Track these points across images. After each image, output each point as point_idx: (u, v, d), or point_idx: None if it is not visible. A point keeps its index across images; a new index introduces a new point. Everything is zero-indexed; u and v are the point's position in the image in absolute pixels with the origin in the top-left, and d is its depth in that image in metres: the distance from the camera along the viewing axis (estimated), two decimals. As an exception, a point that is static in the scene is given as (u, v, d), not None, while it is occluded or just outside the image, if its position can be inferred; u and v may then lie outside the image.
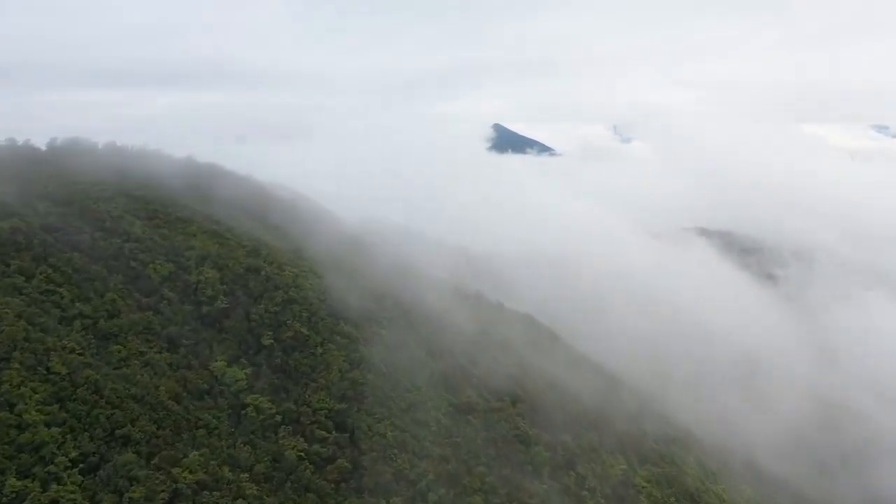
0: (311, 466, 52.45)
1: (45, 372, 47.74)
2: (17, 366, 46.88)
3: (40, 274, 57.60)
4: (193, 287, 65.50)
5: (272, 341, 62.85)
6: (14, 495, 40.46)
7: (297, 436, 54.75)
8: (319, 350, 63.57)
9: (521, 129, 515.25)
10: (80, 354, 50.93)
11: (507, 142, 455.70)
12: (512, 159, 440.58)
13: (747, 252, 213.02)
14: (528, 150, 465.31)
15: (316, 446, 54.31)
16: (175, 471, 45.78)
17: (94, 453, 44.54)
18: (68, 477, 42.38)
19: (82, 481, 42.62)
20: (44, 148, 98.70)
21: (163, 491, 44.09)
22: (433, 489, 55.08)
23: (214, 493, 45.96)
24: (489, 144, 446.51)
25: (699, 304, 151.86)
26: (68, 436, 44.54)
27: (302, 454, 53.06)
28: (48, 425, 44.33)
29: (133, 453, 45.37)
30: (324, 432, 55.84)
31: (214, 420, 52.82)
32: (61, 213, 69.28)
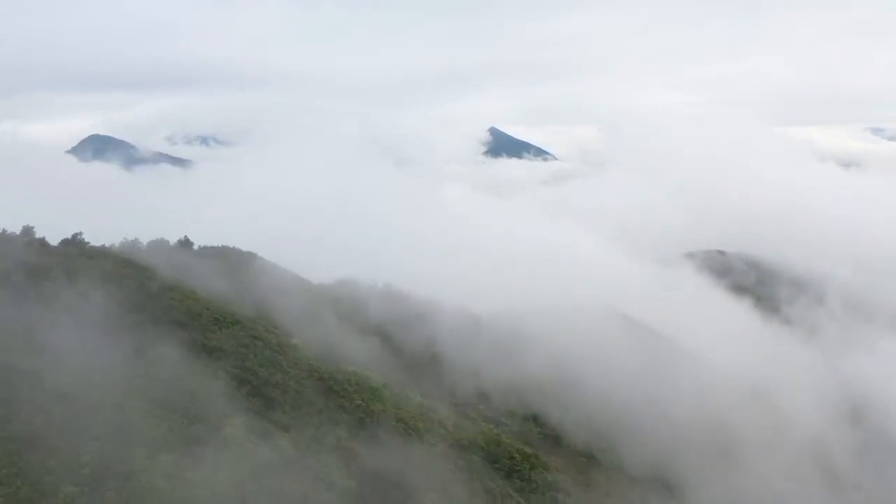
0: None
1: None
2: None
3: None
4: None
5: None
6: None
7: None
8: None
9: (519, 133, 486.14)
10: None
11: (502, 146, 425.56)
12: (506, 164, 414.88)
13: (751, 278, 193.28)
14: (525, 154, 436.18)
15: None
16: None
17: None
18: None
19: None
20: None
21: None
22: None
23: None
24: (485, 149, 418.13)
25: (711, 356, 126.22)
26: None
27: None
28: None
29: None
30: None
31: None
32: None
